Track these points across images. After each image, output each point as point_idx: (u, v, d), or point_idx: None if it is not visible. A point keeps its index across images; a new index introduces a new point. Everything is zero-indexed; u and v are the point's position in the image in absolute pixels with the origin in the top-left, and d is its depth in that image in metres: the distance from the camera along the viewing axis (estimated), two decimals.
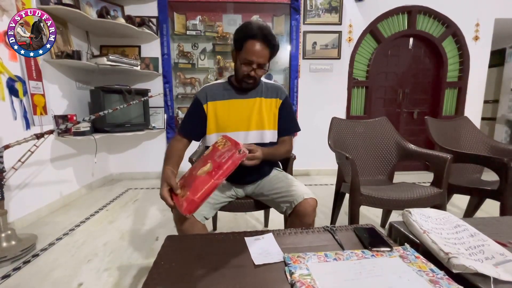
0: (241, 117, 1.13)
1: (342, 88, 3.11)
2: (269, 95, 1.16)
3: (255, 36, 0.99)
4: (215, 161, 0.81)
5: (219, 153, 0.84)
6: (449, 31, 3.05)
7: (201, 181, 0.77)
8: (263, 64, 1.04)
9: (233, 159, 0.77)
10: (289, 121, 1.20)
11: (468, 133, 1.91)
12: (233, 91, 1.15)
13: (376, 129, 1.76)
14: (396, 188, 1.47)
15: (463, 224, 0.82)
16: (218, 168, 0.77)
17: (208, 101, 1.13)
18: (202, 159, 0.88)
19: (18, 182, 1.81)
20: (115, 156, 3.07)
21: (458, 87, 3.20)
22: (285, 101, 1.18)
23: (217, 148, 0.88)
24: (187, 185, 0.82)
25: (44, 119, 2.04)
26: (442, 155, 1.38)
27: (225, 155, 0.80)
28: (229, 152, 0.80)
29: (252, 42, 1.00)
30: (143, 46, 2.90)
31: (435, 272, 0.63)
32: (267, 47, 1.01)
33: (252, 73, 1.04)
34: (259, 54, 1.01)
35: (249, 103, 1.14)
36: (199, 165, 0.86)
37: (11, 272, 1.34)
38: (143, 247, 1.56)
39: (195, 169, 0.85)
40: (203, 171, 0.80)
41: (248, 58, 1.02)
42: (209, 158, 0.85)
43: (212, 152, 0.88)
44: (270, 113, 1.16)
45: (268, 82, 1.20)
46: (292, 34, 2.93)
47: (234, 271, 0.66)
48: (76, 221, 1.94)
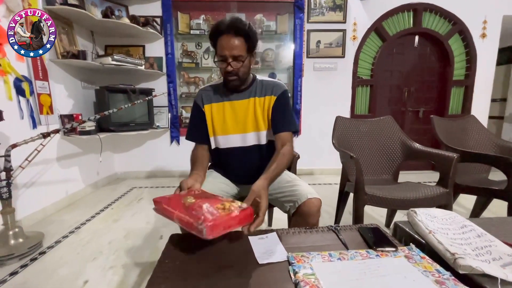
0: (236, 120, 1.11)
1: (346, 87, 3.09)
2: (262, 93, 1.11)
3: (223, 31, 0.97)
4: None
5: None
6: (455, 28, 3.01)
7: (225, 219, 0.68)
8: (237, 56, 0.99)
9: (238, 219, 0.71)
10: (285, 116, 1.10)
11: (475, 132, 1.88)
12: (227, 93, 1.12)
13: (381, 128, 1.74)
14: (401, 187, 1.46)
15: (469, 225, 0.81)
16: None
17: (205, 104, 1.13)
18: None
19: (25, 181, 1.84)
20: (119, 155, 3.09)
21: (465, 85, 3.16)
22: (280, 97, 1.10)
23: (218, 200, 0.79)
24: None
25: (50, 119, 2.06)
26: (448, 154, 1.36)
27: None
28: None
29: (222, 38, 0.98)
30: (147, 45, 2.92)
31: (441, 273, 0.62)
32: (238, 37, 0.97)
33: (228, 68, 1.00)
34: (229, 46, 0.97)
35: (243, 104, 1.11)
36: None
37: (18, 269, 1.36)
38: (147, 246, 1.57)
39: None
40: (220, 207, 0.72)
41: (221, 54, 1.00)
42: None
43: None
44: (264, 112, 1.11)
45: (265, 80, 1.15)
46: (296, 32, 2.91)
47: (238, 270, 0.66)
48: (81, 219, 1.96)
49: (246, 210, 0.72)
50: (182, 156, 3.08)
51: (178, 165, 3.11)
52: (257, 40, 1.03)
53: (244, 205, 0.74)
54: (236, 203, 0.74)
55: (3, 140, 1.55)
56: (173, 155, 3.11)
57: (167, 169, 3.14)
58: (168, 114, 3.01)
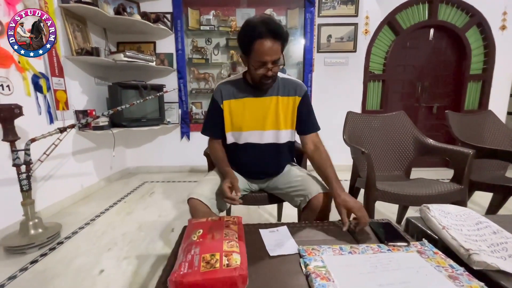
0: (256, 117, 1.09)
1: (357, 82, 3.04)
2: (285, 92, 1.09)
3: (261, 34, 0.91)
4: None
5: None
6: (473, 20, 2.89)
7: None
8: (277, 60, 0.97)
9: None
10: (311, 117, 1.13)
11: (493, 128, 1.82)
12: (248, 90, 1.10)
13: (393, 124, 1.71)
14: (414, 183, 1.43)
15: (485, 221, 0.80)
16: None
17: (224, 100, 1.11)
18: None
19: (43, 174, 1.91)
20: (131, 150, 3.16)
21: (482, 80, 3.04)
22: (305, 98, 1.11)
23: (205, 222, 0.79)
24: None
25: (66, 114, 2.13)
26: (463, 150, 1.32)
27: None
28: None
29: (260, 42, 0.92)
30: (158, 42, 2.95)
31: (454, 268, 0.61)
32: (276, 40, 0.93)
33: (269, 73, 0.97)
34: (271, 52, 0.93)
35: (265, 102, 1.09)
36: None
37: (38, 257, 1.42)
38: (159, 238, 1.61)
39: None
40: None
41: (261, 60, 0.95)
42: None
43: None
44: (287, 112, 1.10)
45: (285, 78, 1.13)
46: (307, 27, 2.88)
47: (249, 261, 0.67)
48: (96, 211, 2.02)
49: (233, 272, 0.57)
50: (192, 152, 3.12)
51: (188, 160, 3.15)
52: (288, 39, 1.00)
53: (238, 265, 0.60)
54: (234, 258, 0.61)
55: (22, 134, 1.61)
56: (183, 150, 3.16)
57: (177, 164, 3.19)
58: (179, 110, 3.04)
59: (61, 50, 2.09)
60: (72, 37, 2.20)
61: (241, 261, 0.60)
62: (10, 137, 1.46)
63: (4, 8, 1.66)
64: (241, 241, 0.71)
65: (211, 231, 0.72)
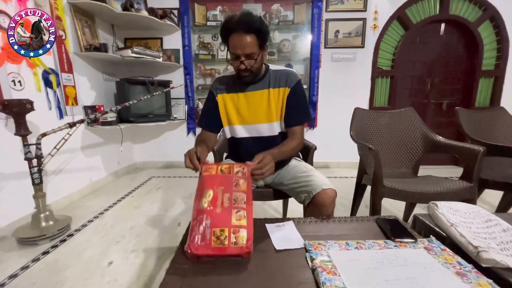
0: (249, 111, 1.12)
1: (365, 78, 3.00)
2: (276, 84, 1.10)
3: (234, 28, 0.95)
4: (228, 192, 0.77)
5: (225, 181, 0.80)
6: (486, 14, 2.81)
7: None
8: (250, 54, 0.98)
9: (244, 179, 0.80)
10: (299, 109, 1.11)
11: (504, 125, 1.78)
12: (241, 84, 1.11)
13: (401, 120, 1.69)
14: (422, 181, 1.41)
15: (495, 219, 0.78)
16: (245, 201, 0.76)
17: (219, 93, 1.14)
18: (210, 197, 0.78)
19: (53, 168, 1.96)
20: (139, 145, 3.20)
21: (495, 75, 2.96)
22: (295, 88, 1.10)
23: (215, 177, 0.82)
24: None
25: (75, 109, 2.16)
26: (473, 148, 1.30)
27: (234, 180, 0.80)
28: (236, 176, 0.81)
29: (233, 36, 0.96)
30: (165, 38, 2.96)
31: (462, 265, 0.60)
32: (249, 34, 0.95)
33: (241, 66, 1.00)
34: (241, 45, 0.95)
35: (257, 96, 1.11)
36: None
37: (49, 249, 1.46)
38: (166, 232, 1.64)
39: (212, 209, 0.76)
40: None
41: (233, 53, 0.99)
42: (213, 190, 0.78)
43: (210, 182, 0.80)
44: (278, 103, 1.11)
45: (278, 69, 1.13)
46: (314, 22, 2.84)
47: (256, 254, 0.68)
48: (104, 205, 2.06)
49: (239, 247, 0.67)
50: None
51: None
52: (268, 33, 1.02)
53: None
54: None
55: (33, 129, 1.65)
56: (190, 146, 3.06)
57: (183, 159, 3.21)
58: (185, 106, 3.06)
59: (70, 46, 2.12)
60: (80, 33, 2.23)
61: (247, 236, 0.68)
62: (22, 131, 1.50)
63: (15, 4, 1.69)
64: (249, 202, 0.75)
65: (220, 194, 0.77)
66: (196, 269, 0.63)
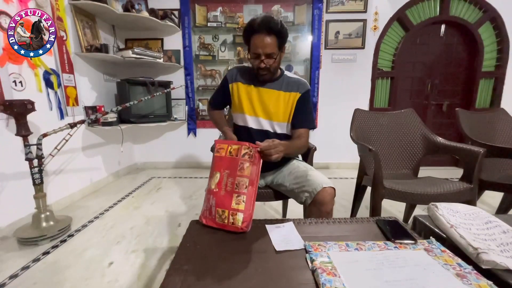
0: (261, 105, 1.17)
1: (365, 79, 3.00)
2: (288, 89, 1.17)
3: (257, 30, 1.03)
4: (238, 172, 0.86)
5: (234, 163, 0.87)
6: (486, 16, 2.81)
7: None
8: (270, 54, 1.06)
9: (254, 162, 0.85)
10: (306, 115, 1.18)
11: (505, 126, 1.78)
12: (257, 80, 1.18)
13: (402, 121, 1.69)
14: (422, 182, 1.41)
15: (495, 220, 0.78)
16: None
17: (234, 82, 1.21)
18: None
19: (54, 168, 1.96)
20: (139, 146, 3.21)
21: (495, 77, 2.97)
22: (305, 95, 1.18)
23: (223, 159, 0.90)
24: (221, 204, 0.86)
25: (75, 110, 2.17)
26: (474, 149, 1.30)
27: (243, 163, 0.86)
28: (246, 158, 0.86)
29: (255, 37, 1.04)
30: (165, 38, 2.97)
31: (462, 267, 0.61)
32: (270, 35, 1.03)
33: (262, 64, 1.07)
34: (263, 45, 1.03)
35: (269, 93, 1.17)
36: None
37: (50, 249, 1.47)
38: (166, 232, 1.64)
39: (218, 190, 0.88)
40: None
41: (254, 52, 1.06)
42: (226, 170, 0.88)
43: (223, 163, 0.90)
44: (287, 106, 1.17)
45: (291, 77, 1.21)
46: (314, 23, 2.85)
47: (256, 255, 0.68)
48: (105, 206, 2.07)
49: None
50: (198, 148, 3.15)
51: (195, 157, 3.18)
52: (287, 36, 1.09)
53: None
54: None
55: (34, 129, 1.65)
56: (190, 146, 3.18)
57: (184, 160, 3.22)
58: (186, 106, 3.06)
59: (71, 46, 2.13)
60: (81, 33, 2.23)
61: (242, 219, 0.79)
62: (23, 132, 1.50)
63: (17, 5, 1.69)
64: (252, 185, 0.83)
65: (226, 177, 0.86)
66: (196, 270, 0.63)
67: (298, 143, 1.14)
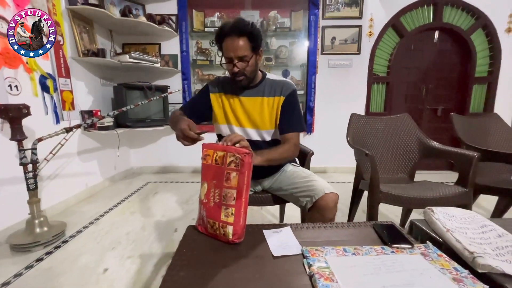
0: (244, 115, 1.13)
1: (361, 84, 3.03)
2: (271, 93, 1.12)
3: (228, 33, 1.00)
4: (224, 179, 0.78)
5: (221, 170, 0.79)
6: (479, 23, 2.88)
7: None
8: (242, 56, 1.01)
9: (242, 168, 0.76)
10: (292, 117, 1.12)
11: (498, 131, 1.81)
12: (236, 88, 1.13)
13: (397, 126, 1.71)
14: (418, 186, 1.43)
15: (490, 224, 0.79)
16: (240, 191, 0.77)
17: (217, 92, 1.17)
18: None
19: (49, 173, 1.94)
20: (135, 150, 3.19)
21: (488, 82, 3.02)
22: (289, 97, 1.12)
23: (210, 167, 0.82)
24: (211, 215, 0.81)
25: (71, 114, 2.16)
26: (468, 153, 1.32)
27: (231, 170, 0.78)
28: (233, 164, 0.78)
29: (226, 40, 1.01)
30: (163, 43, 2.98)
31: (459, 271, 0.61)
32: (241, 37, 0.99)
33: (234, 69, 1.03)
34: (233, 47, 1.00)
35: (250, 102, 1.13)
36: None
37: (43, 256, 1.44)
38: (163, 238, 1.62)
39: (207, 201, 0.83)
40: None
41: (227, 56, 1.03)
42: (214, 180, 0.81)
43: (209, 171, 0.82)
44: (272, 112, 1.12)
45: (274, 79, 1.15)
46: (311, 29, 2.88)
47: (253, 261, 0.68)
48: (100, 211, 2.04)
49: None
50: (195, 153, 3.11)
51: (191, 161, 3.17)
52: (261, 38, 1.04)
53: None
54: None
55: (29, 134, 1.64)
56: (187, 151, 3.10)
57: (180, 165, 3.20)
58: None
59: (68, 51, 2.12)
60: (78, 38, 2.23)
61: (232, 232, 0.76)
62: (17, 136, 1.49)
63: (13, 10, 1.69)
64: (239, 197, 0.76)
65: (213, 188, 0.80)
66: (193, 276, 0.63)
67: (280, 148, 1.07)
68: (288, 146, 1.08)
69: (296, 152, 1.14)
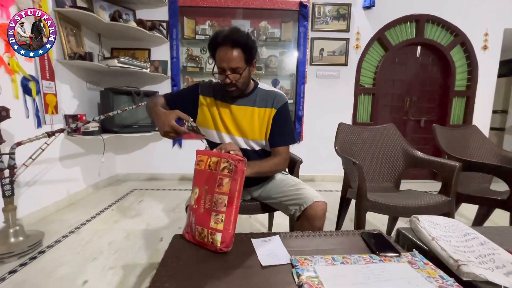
0: (233, 123, 1.11)
1: (348, 94, 3.12)
2: (262, 104, 1.10)
3: (222, 42, 0.97)
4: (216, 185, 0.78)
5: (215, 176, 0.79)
6: (457, 40, 3.05)
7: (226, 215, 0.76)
8: (235, 68, 0.99)
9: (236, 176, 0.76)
10: (284, 130, 1.11)
11: (477, 142, 1.89)
12: (228, 96, 1.11)
13: (383, 136, 1.75)
14: (403, 195, 1.46)
15: (472, 232, 0.81)
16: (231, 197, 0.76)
17: (206, 95, 1.13)
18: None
19: (27, 179, 1.85)
20: (121, 156, 3.10)
21: (466, 96, 3.18)
22: (281, 110, 1.10)
23: (203, 172, 0.82)
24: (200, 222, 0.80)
25: (54, 118, 2.08)
26: (450, 163, 1.36)
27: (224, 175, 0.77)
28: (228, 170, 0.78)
29: (219, 50, 0.98)
30: (153, 49, 2.96)
31: (444, 279, 0.62)
32: (236, 49, 0.97)
33: (227, 80, 1.00)
34: (226, 58, 0.97)
35: (241, 111, 1.11)
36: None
37: (17, 267, 1.35)
38: (147, 247, 1.57)
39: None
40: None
41: (219, 66, 1.00)
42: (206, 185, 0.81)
43: (202, 176, 0.83)
44: (263, 123, 1.10)
45: (266, 90, 1.14)
46: (300, 40, 2.96)
47: (241, 271, 0.66)
48: (82, 219, 1.95)
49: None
50: (183, 160, 3.09)
51: (179, 168, 3.11)
52: (256, 50, 1.02)
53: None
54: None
55: (8, 138, 1.56)
56: (175, 158, 3.12)
57: (168, 172, 3.14)
58: None
59: (53, 53, 2.07)
60: (65, 41, 2.18)
61: (221, 240, 0.74)
62: None
63: None
64: (230, 203, 0.76)
65: (204, 194, 0.80)
66: (180, 285, 0.60)
67: (272, 161, 1.07)
68: (279, 160, 1.09)
69: (286, 164, 1.15)
